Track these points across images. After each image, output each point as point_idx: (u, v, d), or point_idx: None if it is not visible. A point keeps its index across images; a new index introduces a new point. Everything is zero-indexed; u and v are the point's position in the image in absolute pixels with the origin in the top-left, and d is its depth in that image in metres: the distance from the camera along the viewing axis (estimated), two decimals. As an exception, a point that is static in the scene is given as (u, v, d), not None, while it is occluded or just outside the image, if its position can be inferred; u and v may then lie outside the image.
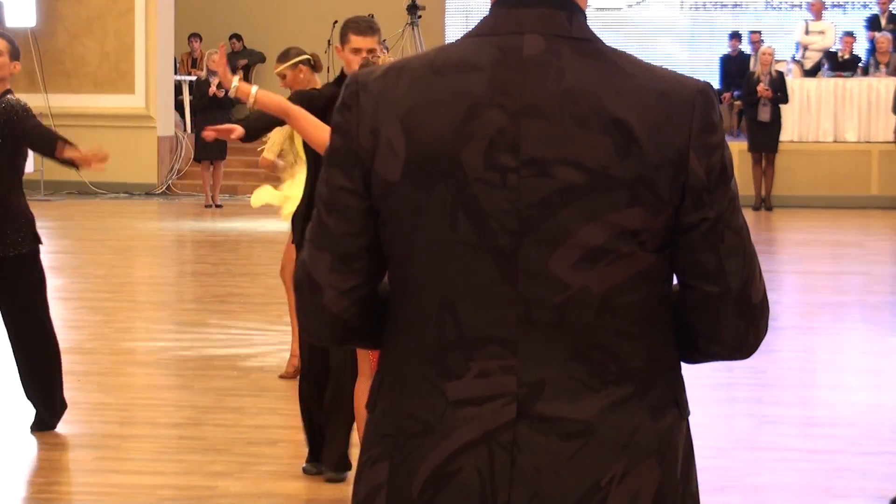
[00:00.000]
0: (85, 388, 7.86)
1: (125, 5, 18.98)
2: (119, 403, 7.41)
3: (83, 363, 8.47)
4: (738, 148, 18.10)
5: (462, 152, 2.00)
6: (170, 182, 19.28)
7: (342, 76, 5.91)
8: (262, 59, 20.97)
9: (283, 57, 7.61)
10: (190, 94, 20.05)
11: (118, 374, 8.13)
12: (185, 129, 20.11)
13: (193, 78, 20.16)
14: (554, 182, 1.98)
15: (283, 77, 7.56)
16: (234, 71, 22.21)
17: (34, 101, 18.71)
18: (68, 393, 7.78)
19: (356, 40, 5.78)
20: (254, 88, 5.34)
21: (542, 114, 1.99)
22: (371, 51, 5.77)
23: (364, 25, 5.83)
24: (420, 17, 17.61)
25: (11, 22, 18.28)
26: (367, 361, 5.35)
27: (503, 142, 1.99)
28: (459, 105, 2.01)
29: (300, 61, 7.52)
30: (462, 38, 2.11)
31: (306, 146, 5.90)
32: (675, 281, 2.11)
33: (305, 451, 6.41)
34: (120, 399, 7.52)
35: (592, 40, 2.06)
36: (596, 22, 21.40)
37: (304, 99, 5.63)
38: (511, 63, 2.02)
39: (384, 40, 16.68)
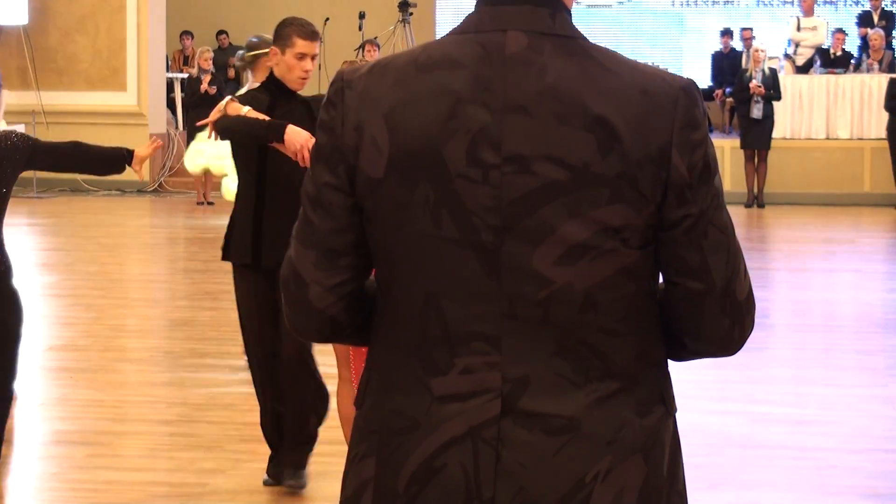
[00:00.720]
0: (77, 385, 7.85)
1: (117, 3, 18.96)
2: (111, 400, 7.41)
3: (75, 360, 8.47)
4: (730, 145, 18.11)
5: (444, 149, 2.01)
6: (161, 179, 19.24)
7: (272, 81, 5.64)
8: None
9: (246, 47, 7.76)
10: (182, 91, 20.03)
11: (110, 370, 8.12)
12: (176, 127, 20.09)
13: (185, 75, 20.14)
14: (536, 179, 1.98)
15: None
16: (224, 68, 22.06)
17: (27, 98, 18.72)
18: (60, 389, 7.79)
19: (302, 45, 5.52)
20: (244, 109, 5.40)
21: (524, 111, 2.00)
22: (313, 57, 5.58)
23: (310, 30, 5.59)
24: (411, 14, 17.60)
25: (3, 20, 18.25)
26: (346, 366, 5.29)
27: (485, 138, 2.00)
28: (442, 102, 2.02)
29: (261, 53, 7.60)
30: (447, 35, 2.11)
31: (240, 163, 5.68)
32: (661, 278, 2.12)
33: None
34: (112, 396, 7.52)
35: (576, 37, 2.06)
36: (586, 18, 21.45)
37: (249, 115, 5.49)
38: (493, 60, 2.03)
39: (375, 38, 16.70)
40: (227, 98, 5.49)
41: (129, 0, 18.97)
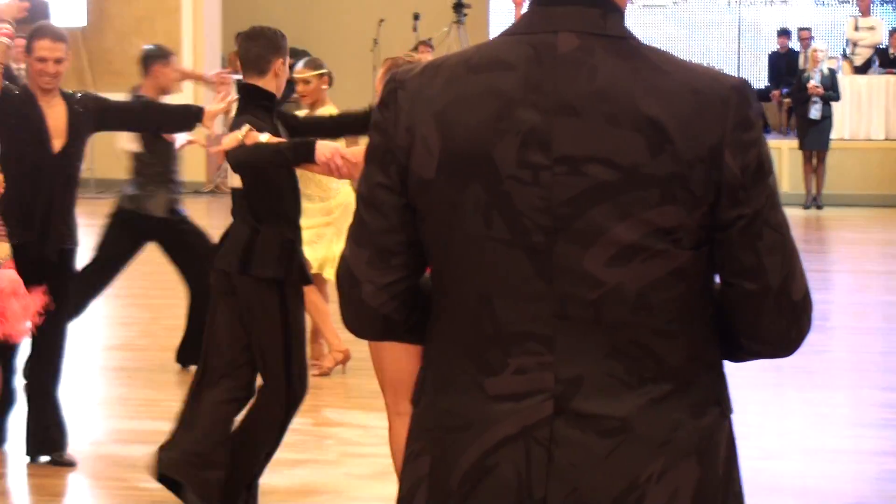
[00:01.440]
0: (135, 384, 7.92)
1: (172, 5, 19.07)
2: (169, 399, 7.44)
3: (133, 360, 8.53)
4: (787, 146, 17.97)
5: (495, 150, 2.01)
6: (218, 181, 19.34)
7: (273, 99, 5.38)
8: (305, 57, 21.03)
9: (311, 64, 8.03)
10: (238, 92, 20.12)
11: (168, 370, 8.16)
12: (233, 128, 20.16)
13: (240, 77, 20.22)
14: (586, 180, 1.98)
15: (307, 83, 7.96)
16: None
17: (84, 99, 18.86)
18: (118, 389, 7.84)
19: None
20: (263, 136, 5.06)
21: (575, 112, 2.00)
22: None
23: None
24: (466, 14, 17.61)
25: (61, 22, 18.39)
26: (398, 398, 4.78)
27: (535, 139, 2.00)
28: (492, 103, 2.02)
29: (327, 73, 7.98)
30: (499, 35, 2.12)
31: (276, 181, 5.26)
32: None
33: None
34: (170, 395, 7.55)
35: (627, 38, 2.06)
36: (641, 18, 21.36)
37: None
38: (544, 61, 2.03)
39: (430, 39, 16.71)
40: (246, 127, 5.10)
41: (184, 2, 19.07)
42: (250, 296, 5.20)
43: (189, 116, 6.35)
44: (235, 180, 5.26)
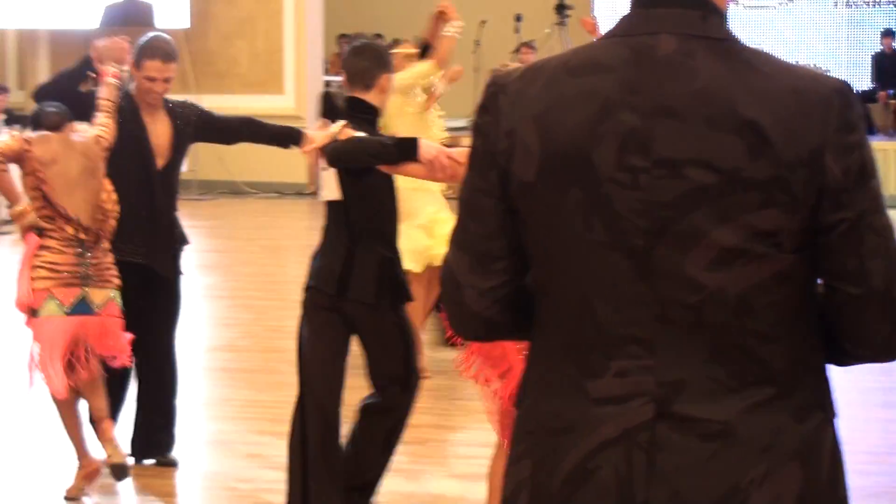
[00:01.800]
0: (236, 385, 7.98)
1: (275, 6, 19.21)
2: (271, 401, 7.51)
3: (235, 361, 8.61)
4: (895, 148, 17.70)
5: (594, 153, 2.01)
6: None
7: (378, 113, 5.24)
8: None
9: (415, 42, 8.39)
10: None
11: (269, 371, 8.23)
12: (333, 130, 20.25)
13: (342, 78, 20.32)
14: (685, 183, 1.97)
15: (411, 59, 8.23)
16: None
17: (188, 102, 19.05)
18: (220, 390, 7.92)
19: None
20: (359, 134, 4.90)
21: (674, 114, 1.99)
22: None
23: None
24: (568, 16, 17.56)
25: (164, 24, 18.61)
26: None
27: (634, 142, 2.00)
28: (591, 105, 2.02)
29: (412, 52, 8.33)
30: (600, 38, 2.12)
31: (375, 193, 5.11)
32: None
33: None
34: (271, 397, 7.62)
35: (727, 40, 2.05)
36: (747, 20, 21.13)
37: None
38: (643, 63, 2.03)
39: (532, 40, 16.70)
40: (342, 123, 4.99)
41: (286, 3, 19.20)
42: (359, 318, 5.18)
43: (286, 139, 6.31)
44: (330, 192, 5.16)
